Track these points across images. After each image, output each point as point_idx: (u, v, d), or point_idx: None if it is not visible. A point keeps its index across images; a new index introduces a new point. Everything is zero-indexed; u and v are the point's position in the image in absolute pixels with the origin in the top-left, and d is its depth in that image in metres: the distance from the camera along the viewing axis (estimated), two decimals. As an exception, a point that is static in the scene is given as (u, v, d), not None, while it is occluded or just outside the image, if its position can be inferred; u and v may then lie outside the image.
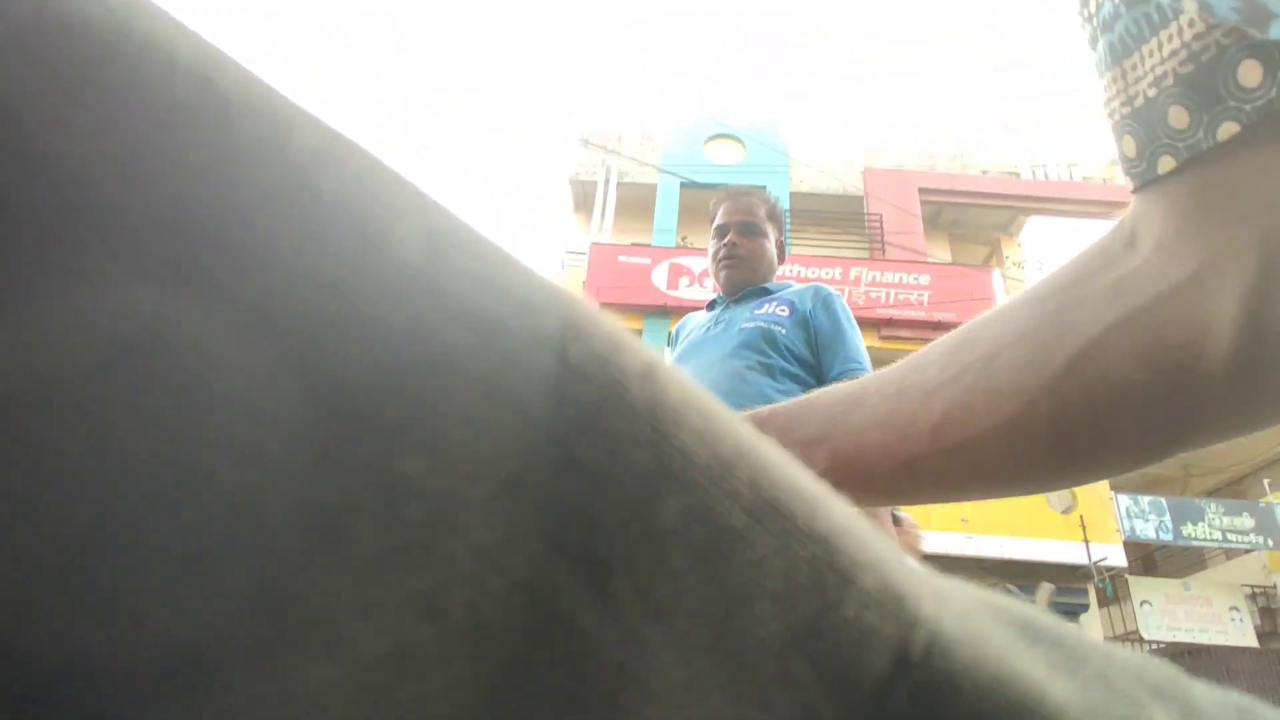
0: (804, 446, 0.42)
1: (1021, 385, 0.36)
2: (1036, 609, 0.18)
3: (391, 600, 0.11)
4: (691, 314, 1.83)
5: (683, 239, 11.46)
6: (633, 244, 11.22)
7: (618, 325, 0.14)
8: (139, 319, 0.10)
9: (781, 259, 1.73)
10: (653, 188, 11.92)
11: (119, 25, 0.11)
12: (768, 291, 1.64)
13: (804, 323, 1.54)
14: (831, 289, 1.61)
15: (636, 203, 12.07)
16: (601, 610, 0.12)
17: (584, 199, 12.62)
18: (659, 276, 10.48)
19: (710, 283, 1.76)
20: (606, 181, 12.12)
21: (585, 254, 11.01)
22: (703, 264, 10.39)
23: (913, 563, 0.16)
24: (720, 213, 1.70)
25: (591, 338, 0.13)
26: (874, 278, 10.62)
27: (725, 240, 1.67)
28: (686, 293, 10.25)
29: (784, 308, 1.56)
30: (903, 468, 0.40)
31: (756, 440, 0.14)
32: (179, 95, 0.11)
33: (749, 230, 1.66)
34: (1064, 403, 0.35)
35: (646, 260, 10.64)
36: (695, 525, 0.13)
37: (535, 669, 0.12)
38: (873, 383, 0.43)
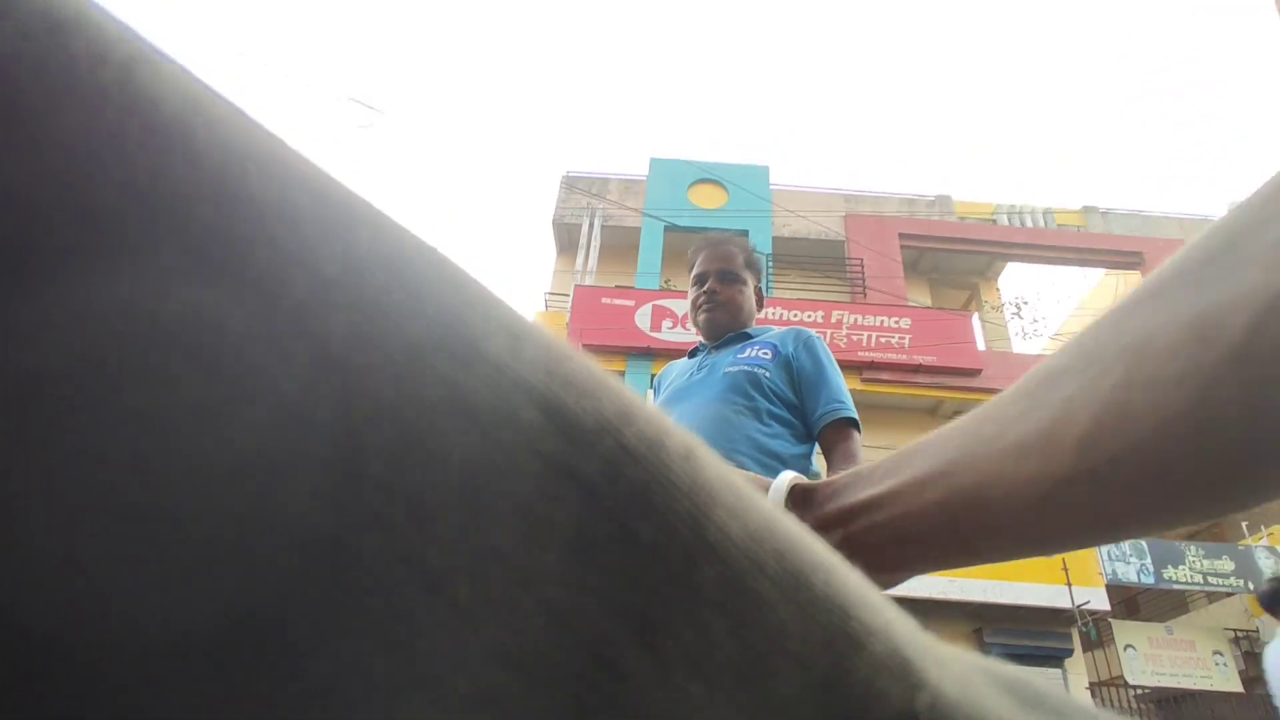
0: (915, 490, 0.37)
1: (1194, 365, 0.28)
2: (1031, 675, 0.19)
3: (478, 647, 0.12)
4: (674, 362, 1.83)
5: (666, 281, 11.55)
6: (616, 286, 11.29)
7: (657, 409, 0.16)
8: (293, 413, 0.12)
9: (760, 305, 1.75)
10: (636, 230, 12.05)
11: (283, 157, 0.14)
12: (748, 336, 1.65)
13: (786, 364, 1.56)
14: (812, 331, 1.63)
15: (620, 245, 12.19)
16: (652, 663, 0.13)
17: (568, 241, 12.72)
18: (642, 318, 10.53)
19: (693, 325, 1.77)
20: (590, 224, 12.24)
21: (569, 295, 11.07)
22: (686, 306, 10.45)
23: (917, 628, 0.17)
24: (699, 260, 1.72)
25: (642, 422, 0.15)
26: (856, 321, 10.72)
27: (705, 288, 1.69)
28: (669, 335, 10.29)
29: (766, 350, 1.58)
30: (1046, 501, 0.32)
31: (780, 514, 0.16)
32: (321, 215, 0.13)
33: (727, 277, 1.69)
34: (1260, 371, 0.27)
35: (630, 302, 10.69)
36: (729, 592, 0.14)
37: (595, 713, 0.13)
38: (991, 407, 0.37)
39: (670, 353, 9.74)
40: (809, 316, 10.60)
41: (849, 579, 0.16)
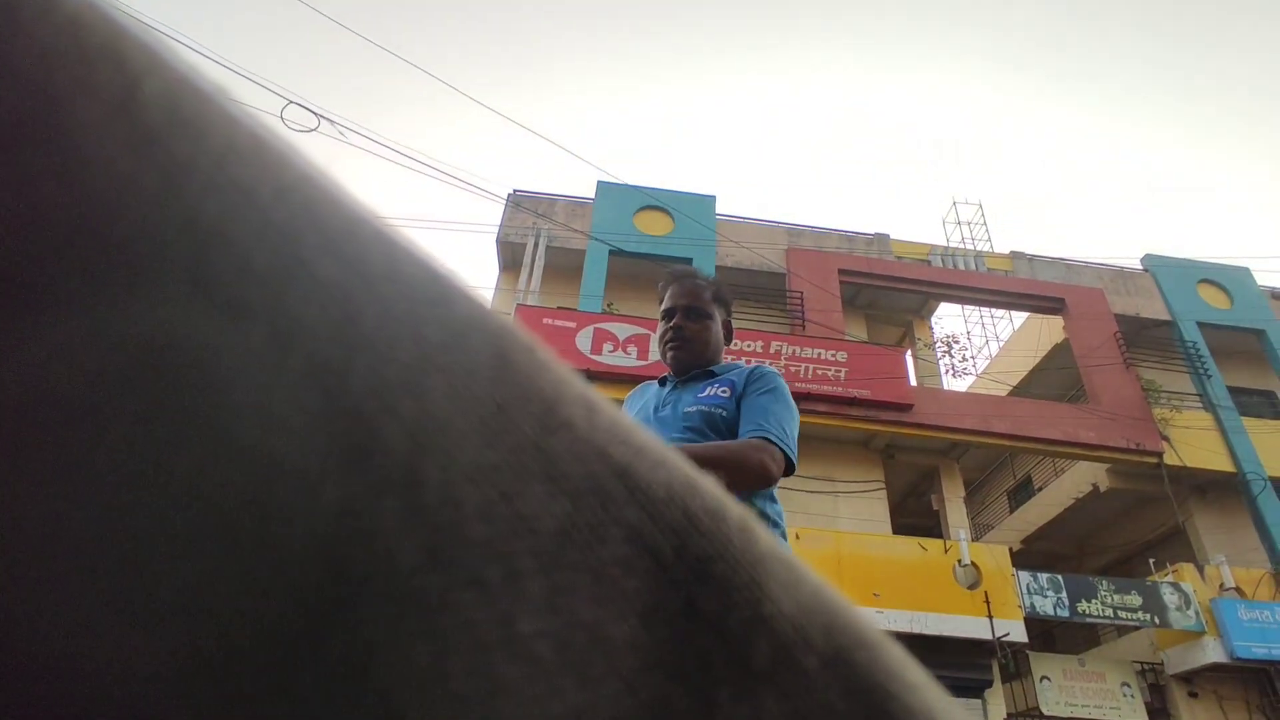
0: None
1: None
2: None
3: (557, 708, 0.12)
4: (645, 384, 1.78)
5: (609, 305, 11.55)
6: (559, 307, 11.24)
7: (714, 479, 0.16)
8: (404, 469, 0.12)
9: (729, 339, 1.74)
10: (581, 253, 12.04)
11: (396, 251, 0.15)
12: (713, 374, 1.64)
13: (740, 400, 1.55)
14: (769, 367, 1.62)
15: (565, 267, 12.16)
16: None
17: (512, 260, 12.63)
18: (583, 341, 10.49)
19: (633, 350, 1.76)
20: (536, 244, 12.18)
21: (510, 314, 10.96)
22: (627, 330, 10.46)
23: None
24: (667, 295, 1.71)
25: (705, 494, 0.15)
26: (794, 352, 10.91)
27: (672, 323, 1.68)
28: (610, 358, 10.27)
29: (725, 389, 1.57)
30: None
31: (826, 586, 0.16)
32: (426, 285, 0.14)
33: (695, 313, 1.68)
34: None
35: (571, 324, 10.65)
36: (779, 666, 0.14)
37: None
38: None
39: (610, 376, 9.72)
40: (748, 346, 10.73)
41: (892, 654, 0.16)
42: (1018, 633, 9.14)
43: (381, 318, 0.13)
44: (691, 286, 1.70)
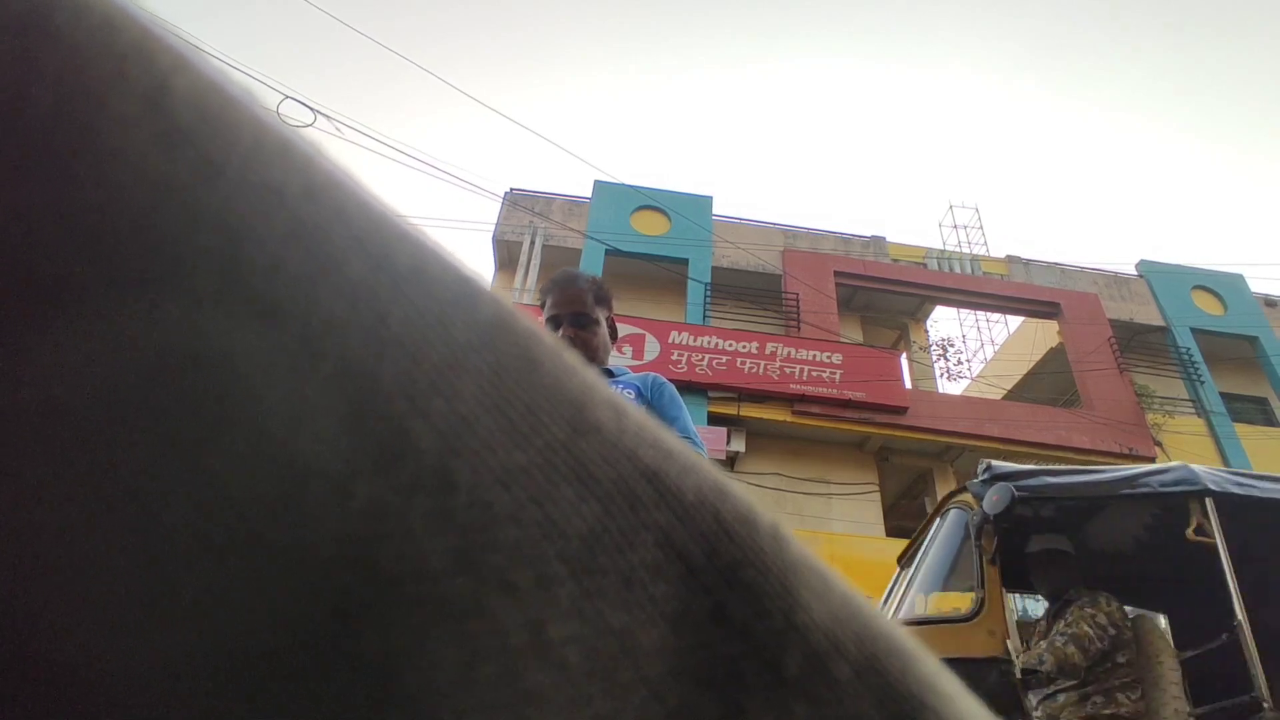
0: None
1: None
2: None
3: (590, 714, 0.12)
4: None
5: (605, 304, 11.51)
6: (555, 306, 11.19)
7: (741, 484, 0.16)
8: (431, 470, 0.12)
9: (614, 336, 1.75)
10: (577, 252, 12.02)
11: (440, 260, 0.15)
12: (611, 374, 1.69)
13: (648, 405, 1.63)
14: (663, 377, 1.70)
15: (561, 265, 12.09)
16: None
17: (508, 258, 12.60)
18: (579, 340, 10.44)
19: (628, 349, 1.78)
20: (532, 242, 12.15)
21: (506, 313, 10.90)
22: (623, 330, 10.43)
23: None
24: (549, 305, 1.70)
25: (736, 498, 0.15)
26: (789, 354, 10.89)
27: (560, 334, 1.68)
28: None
29: (630, 391, 1.64)
30: None
31: (857, 594, 0.16)
32: (454, 285, 0.14)
33: (580, 320, 1.68)
34: None
35: (568, 323, 10.60)
36: (811, 675, 0.14)
37: None
38: None
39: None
40: (744, 347, 10.72)
41: (925, 663, 0.16)
42: (1010, 636, 9.13)
43: (411, 318, 0.13)
44: (573, 293, 1.69)
